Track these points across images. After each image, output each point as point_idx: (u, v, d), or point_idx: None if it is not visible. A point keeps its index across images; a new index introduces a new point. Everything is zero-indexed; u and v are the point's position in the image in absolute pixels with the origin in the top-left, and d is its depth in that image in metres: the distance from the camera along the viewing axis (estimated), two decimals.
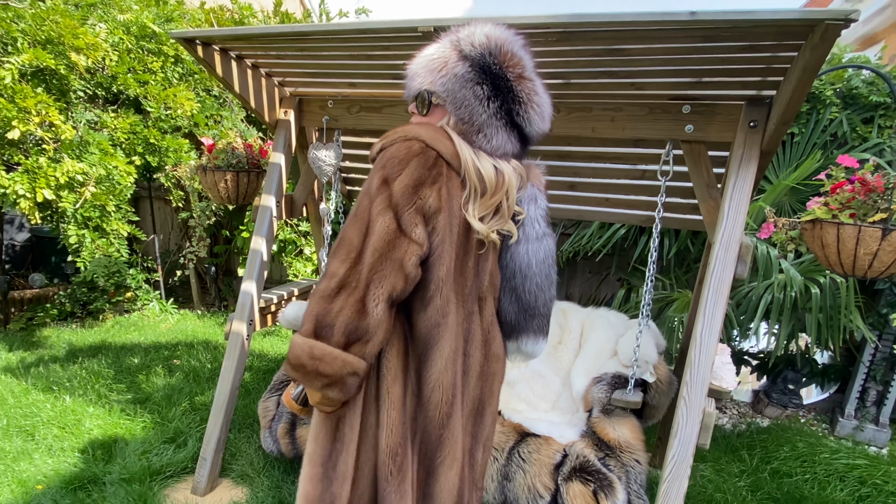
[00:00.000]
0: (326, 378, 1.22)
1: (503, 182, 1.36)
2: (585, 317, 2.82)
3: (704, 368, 1.93)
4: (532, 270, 1.45)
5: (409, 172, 1.24)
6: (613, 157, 2.72)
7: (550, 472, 2.07)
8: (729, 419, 3.78)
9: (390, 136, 1.30)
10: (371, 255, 1.20)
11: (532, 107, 1.34)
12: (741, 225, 2.02)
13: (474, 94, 1.29)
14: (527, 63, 1.35)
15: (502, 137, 1.34)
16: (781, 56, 1.82)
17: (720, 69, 2.00)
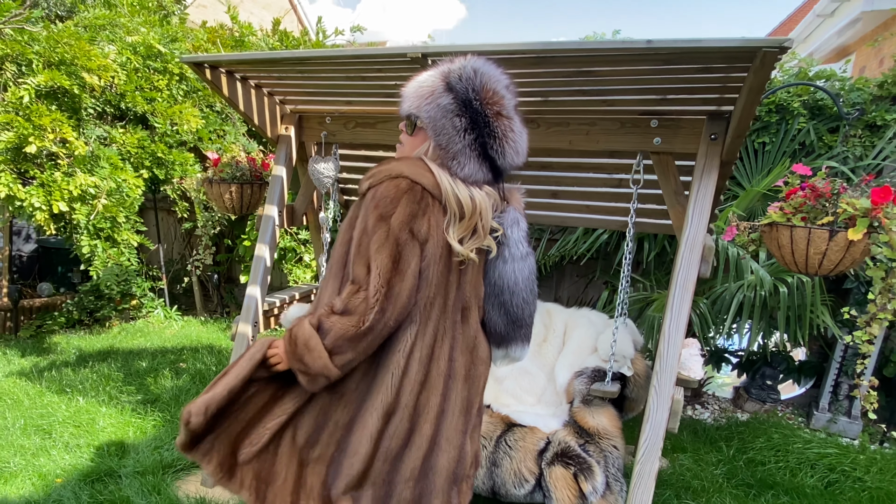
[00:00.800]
0: (303, 365, 1.40)
1: (477, 206, 1.51)
2: (568, 316, 3.00)
3: (672, 359, 2.11)
4: (519, 287, 1.62)
5: (402, 209, 1.39)
6: (592, 167, 2.91)
7: (535, 457, 2.25)
8: (710, 414, 3.95)
9: (377, 176, 1.45)
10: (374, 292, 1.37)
11: (507, 142, 1.49)
12: (704, 228, 2.21)
13: (453, 125, 1.44)
14: (507, 102, 1.50)
15: (474, 167, 1.49)
16: (735, 76, 2.02)
17: (683, 87, 2.20)
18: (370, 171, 1.49)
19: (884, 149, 3.45)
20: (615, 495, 2.19)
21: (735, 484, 2.87)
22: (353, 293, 1.38)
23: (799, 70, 3.78)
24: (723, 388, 4.41)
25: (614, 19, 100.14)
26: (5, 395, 3.29)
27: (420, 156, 1.51)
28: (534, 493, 2.22)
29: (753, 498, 2.75)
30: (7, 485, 2.44)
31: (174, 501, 2.35)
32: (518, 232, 1.62)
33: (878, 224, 1.97)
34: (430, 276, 1.47)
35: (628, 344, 2.59)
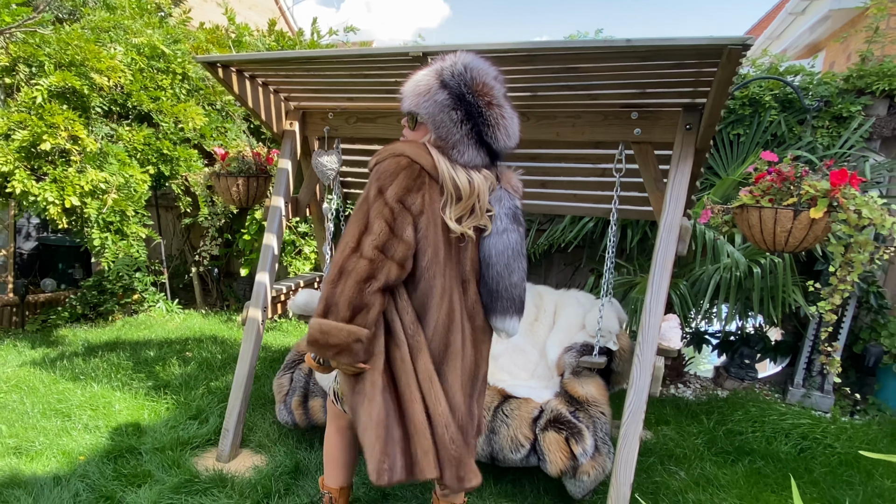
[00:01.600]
0: (335, 348, 1.55)
1: (474, 189, 1.69)
2: (558, 297, 3.19)
3: (653, 330, 2.31)
4: (493, 260, 1.76)
5: (398, 182, 1.57)
6: (577, 157, 3.09)
7: (529, 424, 2.43)
8: (692, 392, 4.16)
9: (382, 154, 1.64)
10: (370, 251, 1.54)
11: (499, 129, 1.67)
12: (681, 211, 2.41)
13: (450, 118, 1.62)
14: (497, 92, 1.67)
15: (472, 153, 1.67)
16: (706, 71, 2.22)
17: (660, 82, 2.39)
18: (376, 154, 1.67)
19: (849, 138, 3.68)
20: (603, 456, 2.39)
21: (715, 452, 3.07)
22: (351, 254, 1.55)
23: (771, 66, 4.01)
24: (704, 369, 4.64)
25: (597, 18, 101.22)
26: (21, 383, 3.42)
27: (423, 141, 1.68)
28: (529, 457, 2.40)
29: (731, 463, 2.95)
30: (34, 462, 2.58)
31: (193, 473, 2.50)
32: (500, 208, 1.77)
33: (837, 204, 2.18)
34: (428, 247, 1.63)
35: (614, 321, 2.78)
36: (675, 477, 2.78)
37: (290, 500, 2.36)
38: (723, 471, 2.84)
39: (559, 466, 2.33)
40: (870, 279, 3.73)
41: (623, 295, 3.84)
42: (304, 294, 2.84)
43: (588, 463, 2.34)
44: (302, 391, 2.75)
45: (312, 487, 2.45)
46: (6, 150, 3.03)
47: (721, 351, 4.41)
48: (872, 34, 4.14)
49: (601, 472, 2.36)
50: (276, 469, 2.56)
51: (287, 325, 4.97)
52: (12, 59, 3.18)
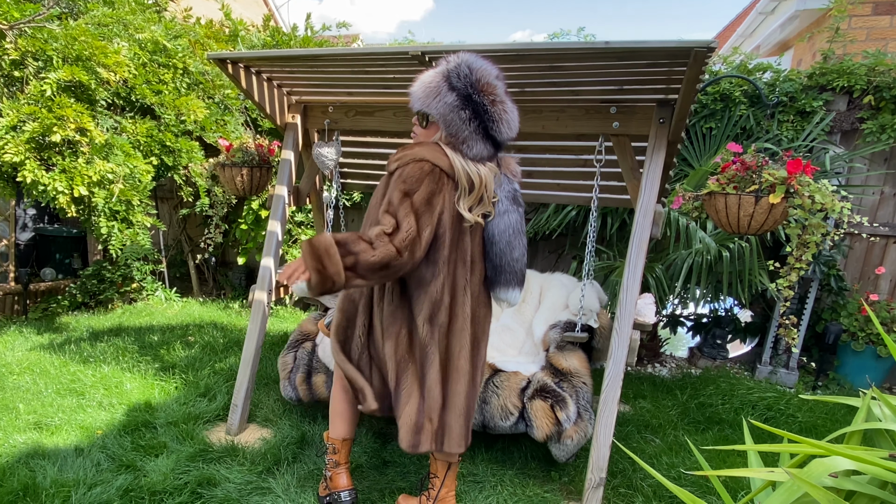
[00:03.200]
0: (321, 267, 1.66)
1: (483, 180, 1.91)
2: (543, 280, 3.40)
3: (630, 305, 2.52)
4: (496, 238, 2.00)
5: (423, 189, 1.78)
6: (561, 149, 3.28)
7: (518, 394, 2.63)
8: (668, 371, 4.41)
9: (404, 158, 1.83)
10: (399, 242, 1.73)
11: (502, 123, 1.88)
12: (655, 197, 2.61)
13: (459, 118, 1.82)
14: (499, 90, 1.87)
15: (480, 147, 1.88)
16: (677, 70, 2.42)
17: (636, 80, 2.59)
18: (397, 154, 1.87)
19: (811, 132, 3.93)
20: (585, 422, 2.60)
21: (687, 422, 3.30)
22: (381, 236, 1.74)
23: (741, 63, 4.24)
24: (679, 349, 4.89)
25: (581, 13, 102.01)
26: (32, 366, 3.54)
27: (437, 141, 1.87)
28: (518, 423, 2.60)
29: (703, 431, 3.19)
30: (54, 436, 2.72)
31: (207, 444, 2.66)
32: (500, 192, 2.00)
33: (793, 190, 2.41)
34: (447, 239, 1.86)
35: (595, 300, 3.00)
36: (650, 444, 3.00)
37: (298, 467, 2.54)
38: (694, 437, 3.07)
39: (545, 431, 2.53)
40: (830, 263, 3.99)
41: (603, 278, 4.07)
42: None
43: (571, 428, 2.55)
44: (306, 368, 2.92)
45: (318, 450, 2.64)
46: (17, 140, 3.15)
47: (695, 332, 4.65)
48: (833, 34, 4.40)
49: (583, 436, 2.57)
50: (283, 440, 2.73)
51: (283, 311, 5.13)
52: (21, 54, 3.28)
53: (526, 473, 2.65)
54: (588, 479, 2.39)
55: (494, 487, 2.50)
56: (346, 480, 2.24)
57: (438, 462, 2.21)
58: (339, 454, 2.24)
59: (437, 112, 1.83)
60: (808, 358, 4.16)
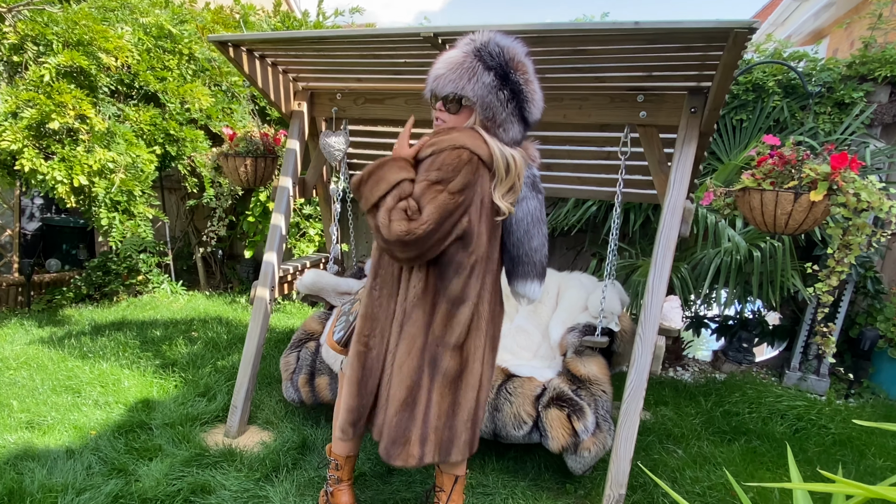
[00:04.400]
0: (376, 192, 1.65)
1: (518, 166, 1.75)
2: (561, 279, 3.24)
3: (655, 310, 2.36)
4: (513, 227, 1.85)
5: (459, 179, 1.62)
6: (583, 140, 3.12)
7: (532, 402, 2.49)
8: (691, 375, 4.23)
9: (440, 143, 1.66)
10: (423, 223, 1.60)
11: (534, 103, 1.75)
12: (684, 193, 2.44)
13: (498, 99, 1.67)
14: (530, 69, 1.74)
15: (515, 130, 1.74)
16: (712, 54, 2.25)
17: (666, 65, 2.42)
18: (431, 140, 1.70)
19: (850, 125, 3.71)
20: (604, 433, 2.45)
21: (712, 431, 3.14)
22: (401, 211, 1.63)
23: (775, 51, 4.03)
24: (702, 352, 4.71)
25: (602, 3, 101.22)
26: (30, 360, 3.47)
27: (474, 126, 1.72)
28: (531, 433, 2.46)
29: (728, 442, 3.02)
30: (46, 436, 2.64)
31: (203, 448, 2.56)
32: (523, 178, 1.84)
33: (836, 187, 2.22)
34: (483, 235, 1.72)
35: (616, 302, 2.83)
36: (672, 455, 2.85)
37: (298, 474, 2.42)
38: (720, 449, 2.91)
39: (561, 443, 2.39)
40: (867, 264, 3.78)
41: (625, 278, 3.90)
42: (311, 274, 2.88)
43: (589, 439, 2.40)
44: (308, 369, 2.80)
45: (319, 461, 2.52)
46: (14, 128, 3.05)
47: (720, 335, 4.47)
48: (876, 21, 4.16)
49: (601, 448, 2.42)
50: (283, 444, 2.62)
51: (290, 307, 5.02)
52: (20, 38, 3.19)
53: (539, 485, 2.51)
54: (606, 496, 2.25)
55: (505, 500, 2.37)
56: (349, 498, 2.11)
57: (444, 475, 2.07)
58: (342, 471, 2.11)
59: (475, 94, 1.67)
60: (839, 364, 3.95)
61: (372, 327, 1.83)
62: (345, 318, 1.99)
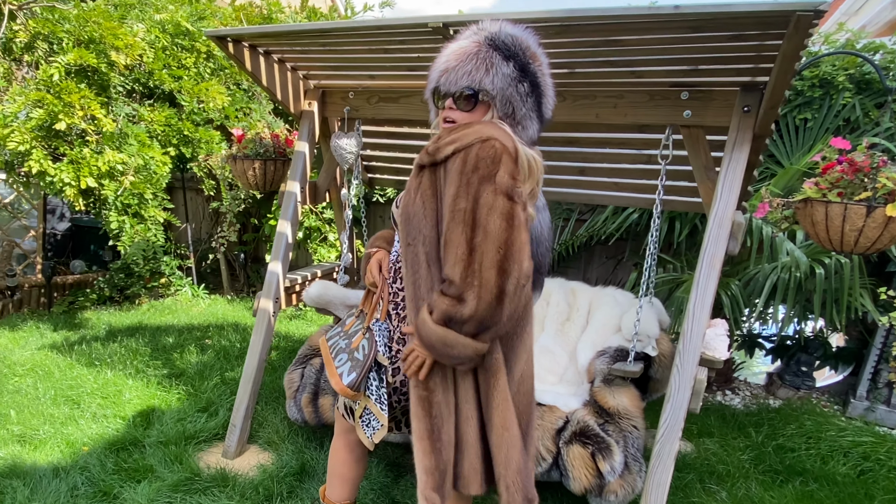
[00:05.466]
0: (457, 359, 1.44)
1: (538, 169, 1.54)
2: (593, 295, 2.98)
3: (696, 338, 2.09)
4: (543, 236, 1.68)
5: (504, 170, 1.39)
6: (620, 142, 2.87)
7: (552, 436, 2.25)
8: (741, 400, 3.89)
9: (463, 140, 1.43)
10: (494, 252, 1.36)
11: (549, 98, 1.57)
12: (734, 204, 2.17)
13: (518, 92, 1.48)
14: (543, 60, 1.55)
15: (534, 127, 1.54)
16: (769, 44, 1.96)
17: (715, 57, 2.14)
18: (447, 138, 1.47)
19: None
20: (634, 475, 2.19)
21: (762, 470, 2.83)
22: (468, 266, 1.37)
23: (846, 43, 3.64)
24: (755, 374, 4.35)
25: None
26: (37, 366, 3.44)
27: (493, 120, 1.51)
28: (550, 471, 2.23)
29: (780, 484, 2.71)
30: (36, 451, 2.57)
31: (195, 471, 2.43)
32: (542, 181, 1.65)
33: None
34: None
35: (653, 323, 2.56)
36: (715, 497, 2.57)
37: None
38: (770, 493, 2.60)
39: (583, 484, 2.15)
40: None
41: (667, 294, 3.60)
42: (317, 285, 2.72)
43: (616, 482, 2.16)
44: (312, 388, 2.64)
45: (317, 490, 2.35)
46: (23, 129, 3.01)
47: (775, 356, 4.11)
48: None
49: (630, 491, 2.18)
50: (280, 469, 2.47)
51: (312, 313, 4.90)
52: (31, 36, 3.14)
53: None
54: None
55: None
56: None
57: None
58: None
59: (495, 87, 1.47)
60: None
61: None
62: (345, 355, 1.77)
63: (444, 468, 1.54)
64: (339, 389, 1.64)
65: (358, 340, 1.72)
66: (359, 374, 1.61)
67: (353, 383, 1.61)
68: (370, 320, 1.74)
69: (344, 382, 1.63)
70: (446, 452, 1.54)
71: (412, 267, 1.52)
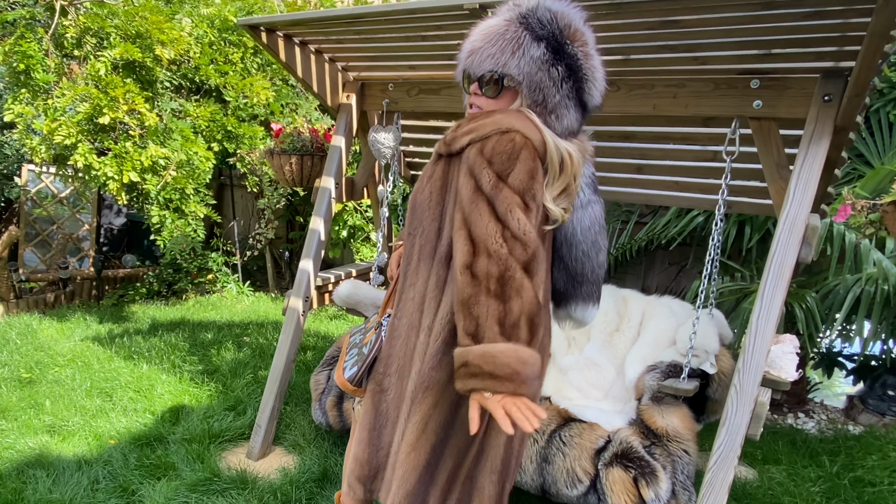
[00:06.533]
0: (537, 380, 1.23)
1: (575, 163, 1.39)
2: (647, 305, 2.78)
3: (759, 356, 1.89)
4: (577, 238, 1.51)
5: (521, 167, 1.27)
6: (682, 137, 2.69)
7: (591, 456, 2.09)
8: (815, 424, 3.59)
9: (480, 130, 1.31)
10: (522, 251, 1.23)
11: (595, 84, 1.39)
12: (808, 205, 1.95)
13: (549, 76, 1.33)
14: (590, 39, 1.39)
15: (571, 117, 1.39)
16: (855, 22, 1.75)
17: (791, 39, 1.94)
18: (463, 128, 1.36)
19: None
20: None
21: None
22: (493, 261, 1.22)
23: None
24: (833, 397, 4.01)
25: None
26: (78, 357, 3.55)
27: (520, 108, 1.38)
28: (587, 495, 2.08)
29: None
30: (64, 442, 2.63)
31: (214, 471, 2.41)
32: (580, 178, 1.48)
33: None
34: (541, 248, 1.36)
35: (712, 338, 2.36)
36: None
37: None
38: None
39: None
40: None
41: (734, 304, 3.35)
42: (347, 285, 2.65)
43: None
44: (337, 391, 2.58)
45: None
46: (69, 123, 3.09)
47: (857, 377, 3.78)
48: None
49: None
50: (302, 474, 2.42)
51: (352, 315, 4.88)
52: (81, 31, 3.24)
53: None
54: None
55: None
56: None
57: None
58: None
59: (521, 71, 1.33)
60: None
61: (388, 364, 1.53)
62: (356, 349, 1.70)
63: (377, 466, 1.51)
64: (339, 383, 1.57)
65: (370, 336, 1.64)
66: (360, 369, 1.54)
67: (354, 377, 1.54)
68: (382, 315, 1.65)
69: (345, 376, 1.55)
70: (382, 454, 1.51)
71: (406, 259, 1.45)
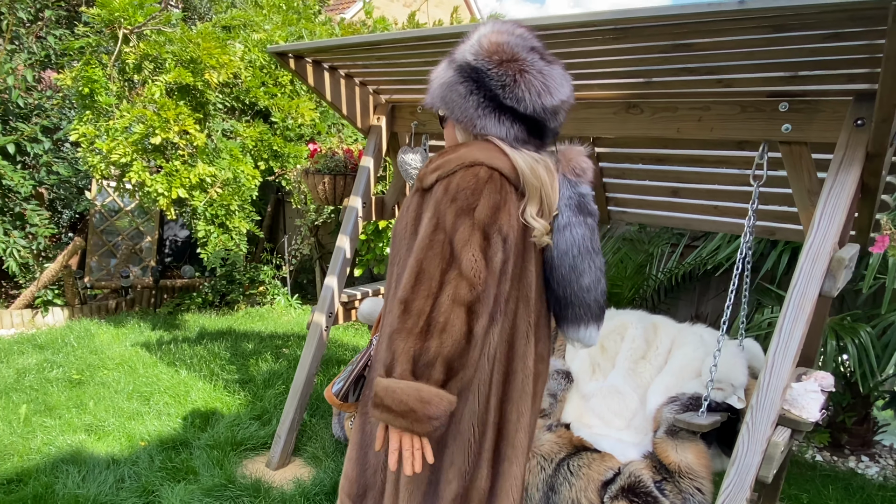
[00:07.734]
0: (436, 420, 1.24)
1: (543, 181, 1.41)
2: (677, 332, 2.70)
3: (774, 393, 1.80)
4: (556, 262, 1.49)
5: (485, 201, 1.30)
6: (716, 160, 2.64)
7: (598, 488, 2.05)
8: (879, 469, 3.33)
9: (446, 165, 1.35)
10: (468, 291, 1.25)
11: (521, 85, 1.37)
12: (834, 235, 1.86)
13: (458, 94, 1.38)
14: (515, 47, 1.38)
15: (493, 124, 1.39)
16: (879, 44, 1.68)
17: (817, 62, 1.88)
18: (433, 164, 1.40)
19: None
20: None
21: None
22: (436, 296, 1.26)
23: None
24: None
25: None
26: (126, 362, 3.81)
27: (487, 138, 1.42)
28: None
29: None
30: (99, 441, 2.82)
31: (230, 477, 2.53)
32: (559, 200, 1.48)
33: None
34: (508, 270, 1.38)
35: (740, 369, 2.28)
36: None
37: None
38: None
39: None
40: None
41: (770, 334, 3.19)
42: (368, 302, 2.74)
43: None
44: None
45: None
46: (126, 143, 3.37)
47: None
48: None
49: None
50: (314, 487, 2.49)
51: None
52: (140, 57, 3.53)
53: None
54: None
55: None
56: None
57: None
58: None
59: (438, 98, 1.43)
60: None
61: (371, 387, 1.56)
62: (351, 366, 1.77)
63: (364, 485, 1.52)
64: (326, 396, 1.63)
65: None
66: (344, 383, 1.58)
67: (339, 391, 1.58)
68: (373, 333, 1.71)
69: (332, 390, 1.61)
70: (370, 473, 1.52)
71: (387, 286, 1.49)
